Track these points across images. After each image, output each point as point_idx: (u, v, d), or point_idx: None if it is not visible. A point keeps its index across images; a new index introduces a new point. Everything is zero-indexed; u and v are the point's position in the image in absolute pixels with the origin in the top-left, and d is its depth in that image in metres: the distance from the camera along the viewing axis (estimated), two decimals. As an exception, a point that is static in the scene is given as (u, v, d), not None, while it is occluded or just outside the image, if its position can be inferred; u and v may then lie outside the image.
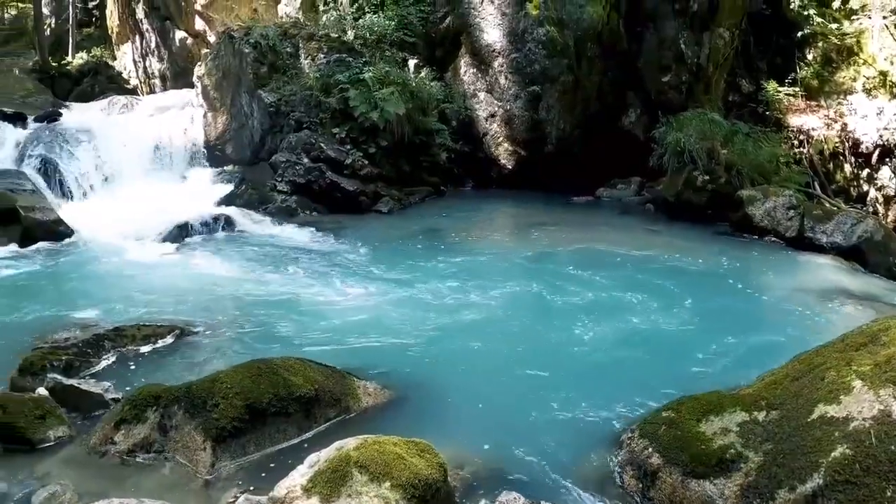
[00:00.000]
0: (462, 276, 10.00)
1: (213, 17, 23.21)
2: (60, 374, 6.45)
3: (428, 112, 15.63)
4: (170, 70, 26.16)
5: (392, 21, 16.81)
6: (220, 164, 16.36)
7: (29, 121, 17.36)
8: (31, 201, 13.01)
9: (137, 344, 7.47)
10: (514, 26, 15.74)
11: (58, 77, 27.04)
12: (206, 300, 9.17)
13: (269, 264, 10.82)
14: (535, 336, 7.91)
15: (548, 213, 14.13)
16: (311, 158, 14.64)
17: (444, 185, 15.96)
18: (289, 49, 16.54)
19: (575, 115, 15.93)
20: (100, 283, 10.17)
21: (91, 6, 33.24)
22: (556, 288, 9.42)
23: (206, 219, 13.09)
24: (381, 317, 8.46)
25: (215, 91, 17.09)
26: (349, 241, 12.08)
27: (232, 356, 7.15)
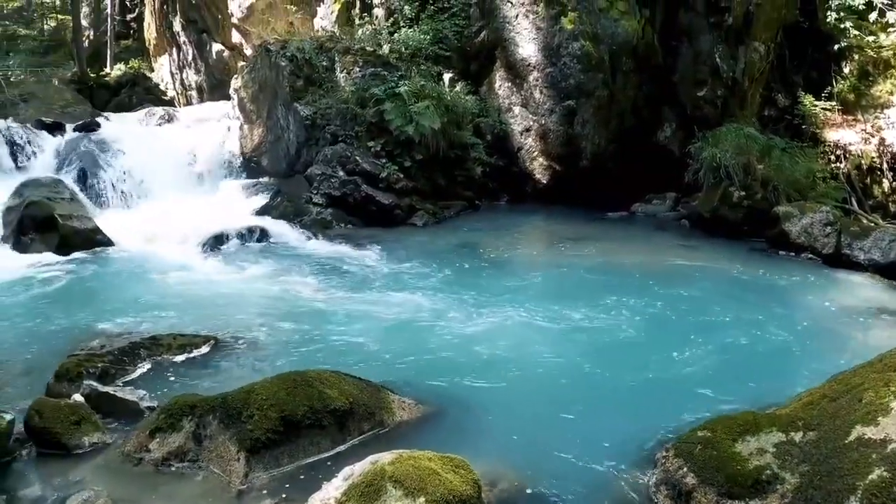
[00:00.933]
0: (496, 291, 9.98)
1: (249, 30, 23.37)
2: (96, 381, 6.50)
3: (463, 126, 15.65)
4: (206, 82, 26.37)
5: (427, 35, 16.87)
6: (256, 176, 16.48)
7: (68, 130, 17.54)
8: (68, 209, 13.14)
9: (173, 353, 7.49)
10: (549, 41, 15.70)
11: (96, 88, 27.30)
12: (241, 310, 9.20)
13: (304, 276, 10.85)
14: (569, 352, 7.84)
15: (582, 228, 14.05)
16: (346, 171, 14.69)
17: (479, 200, 15.94)
18: (325, 62, 16.62)
19: (610, 130, 15.86)
20: (136, 291, 10.23)
21: (129, 19, 33.56)
22: (590, 304, 9.35)
23: (242, 230, 13.19)
24: (415, 330, 8.46)
25: (252, 103, 17.20)
26: (384, 254, 12.09)
27: (266, 367, 7.17)
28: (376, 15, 18.59)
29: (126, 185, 15.67)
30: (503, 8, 16.32)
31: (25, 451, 5.61)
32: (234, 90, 17.90)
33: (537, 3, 15.81)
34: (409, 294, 9.82)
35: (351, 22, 19.20)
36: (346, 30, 18.89)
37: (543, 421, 6.27)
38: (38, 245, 12.50)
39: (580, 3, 15.44)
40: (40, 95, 22.24)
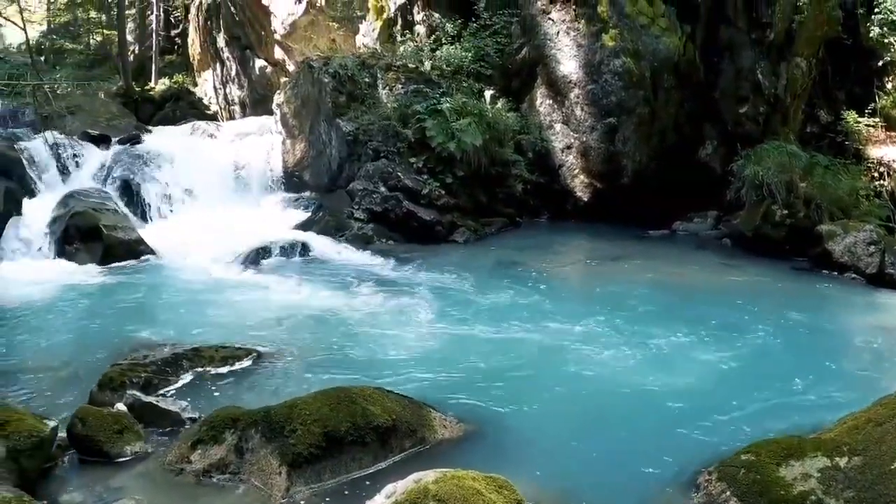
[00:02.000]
0: (537, 309, 9.94)
1: (292, 46, 23.54)
2: (139, 390, 6.56)
3: (504, 143, 15.65)
4: (249, 97, 26.59)
5: (469, 52, 16.91)
6: (298, 191, 16.57)
7: (113, 143, 17.79)
8: (113, 220, 13.31)
9: (215, 365, 7.56)
10: (591, 58, 15.69)
11: (141, 101, 27.62)
12: (282, 324, 9.27)
13: (346, 291, 10.89)
14: (610, 372, 7.80)
15: (623, 246, 13.99)
16: (388, 187, 14.72)
17: (520, 217, 15.92)
18: (367, 79, 16.70)
19: (651, 148, 15.81)
20: (178, 302, 10.33)
21: (173, 34, 33.97)
22: (632, 323, 9.33)
23: (283, 243, 13.26)
24: (456, 347, 8.45)
25: (294, 119, 17.31)
26: (425, 270, 12.07)
27: (307, 382, 7.19)
28: (418, 32, 18.67)
29: (170, 197, 15.85)
30: (544, 25, 16.34)
31: (67, 458, 5.67)
32: (277, 105, 18.03)
33: (578, 20, 15.83)
34: (450, 311, 9.82)
35: (393, 39, 19.30)
36: (388, 47, 18.98)
37: (585, 441, 6.25)
38: (82, 255, 12.70)
39: (621, 19, 15.45)
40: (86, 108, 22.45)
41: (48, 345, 8.69)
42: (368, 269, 12.28)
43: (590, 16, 15.73)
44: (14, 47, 35.61)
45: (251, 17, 25.45)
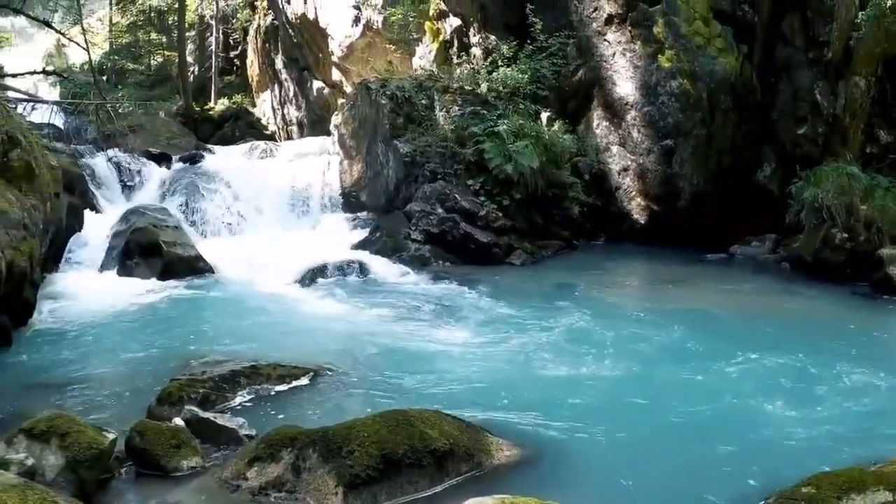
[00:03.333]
0: (595, 332, 9.84)
1: (349, 68, 23.74)
2: (197, 406, 6.58)
3: (561, 165, 15.63)
4: (307, 118, 26.84)
5: (525, 74, 16.89)
6: (355, 211, 16.70)
7: (173, 161, 18.11)
8: (173, 237, 13.43)
9: (272, 383, 7.56)
10: (647, 79, 15.63)
11: (200, 121, 28.06)
12: (339, 344, 9.28)
13: (402, 312, 10.86)
14: (669, 397, 7.68)
15: (680, 270, 13.87)
16: (445, 209, 14.75)
17: (576, 239, 15.87)
18: (424, 101, 16.79)
19: (708, 170, 15.66)
20: (235, 319, 10.37)
21: (232, 55, 34.39)
22: (690, 349, 9.23)
23: (340, 263, 13.28)
24: (513, 370, 8.38)
25: (351, 139, 17.45)
26: (482, 292, 11.99)
27: (364, 402, 7.18)
28: (474, 54, 18.73)
29: (228, 215, 16.05)
30: (600, 47, 16.32)
31: (125, 470, 5.70)
32: (335, 126, 18.18)
33: (634, 41, 15.78)
34: (507, 334, 9.74)
35: (449, 61, 19.40)
36: (444, 69, 19.07)
37: (642, 469, 6.16)
38: (142, 270, 12.83)
39: (677, 40, 15.36)
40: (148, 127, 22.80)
41: (108, 358, 8.80)
42: (425, 291, 12.27)
43: (646, 37, 15.67)
44: (77, 67, 36.23)
45: (309, 39, 25.72)
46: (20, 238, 9.05)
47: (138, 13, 37.25)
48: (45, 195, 10.49)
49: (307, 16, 24.88)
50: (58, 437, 5.41)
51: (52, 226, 11.17)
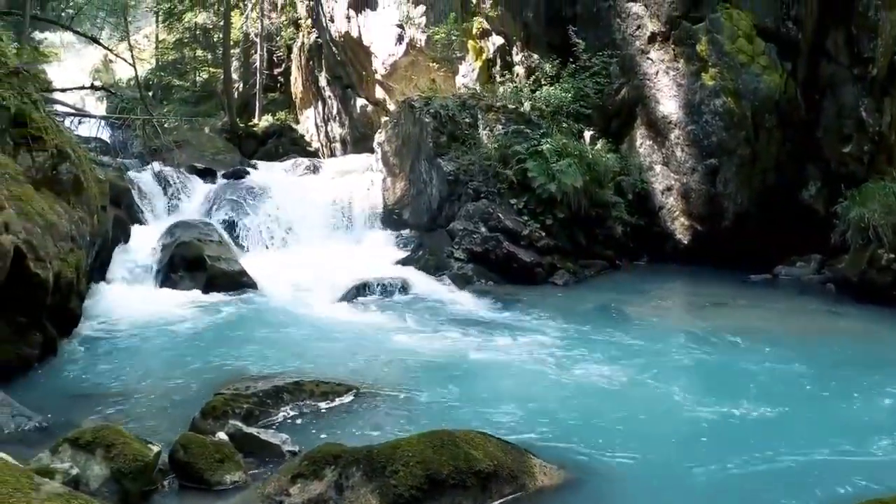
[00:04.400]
0: (639, 354, 9.73)
1: (392, 86, 23.83)
2: (241, 421, 6.57)
3: (604, 184, 15.57)
4: (350, 135, 26.99)
5: (568, 93, 16.81)
6: (398, 228, 16.77)
7: (218, 176, 18.29)
8: (217, 251, 13.54)
9: (315, 399, 7.53)
10: (690, 97, 15.53)
11: (245, 137, 28.35)
12: (382, 362, 9.22)
13: (445, 330, 10.80)
14: (716, 422, 7.52)
15: (724, 291, 13.68)
16: (488, 228, 14.70)
17: (619, 259, 15.78)
18: (467, 119, 16.82)
19: (752, 189, 15.48)
20: (278, 335, 10.40)
21: (276, 73, 34.70)
22: (735, 371, 9.09)
23: (384, 281, 13.25)
24: (557, 392, 8.30)
25: (395, 157, 17.52)
26: (525, 312, 11.92)
27: (406, 421, 7.14)
28: (517, 73, 18.73)
29: (272, 231, 16.16)
30: (643, 65, 16.27)
31: (168, 483, 5.70)
32: (378, 144, 18.27)
33: (677, 59, 15.70)
34: (549, 355, 9.63)
35: (492, 79, 19.41)
36: (487, 87, 19.09)
37: (690, 493, 6.09)
38: (186, 283, 12.97)
39: (721, 58, 15.23)
40: (193, 142, 23.10)
41: (151, 369, 8.87)
42: (468, 310, 12.23)
43: (689, 55, 15.58)
44: (123, 82, 36.69)
45: (352, 57, 25.87)
46: (67, 250, 9.14)
47: (184, 30, 37.78)
48: (93, 208, 10.60)
49: (351, 34, 25.04)
50: (103, 448, 5.45)
51: (98, 238, 11.28)
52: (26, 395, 7.40)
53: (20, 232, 7.79)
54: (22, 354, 8.14)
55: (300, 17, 30.74)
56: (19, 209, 8.14)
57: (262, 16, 33.43)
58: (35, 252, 8.06)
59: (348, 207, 17.46)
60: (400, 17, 22.54)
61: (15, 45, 11.96)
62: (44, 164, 9.47)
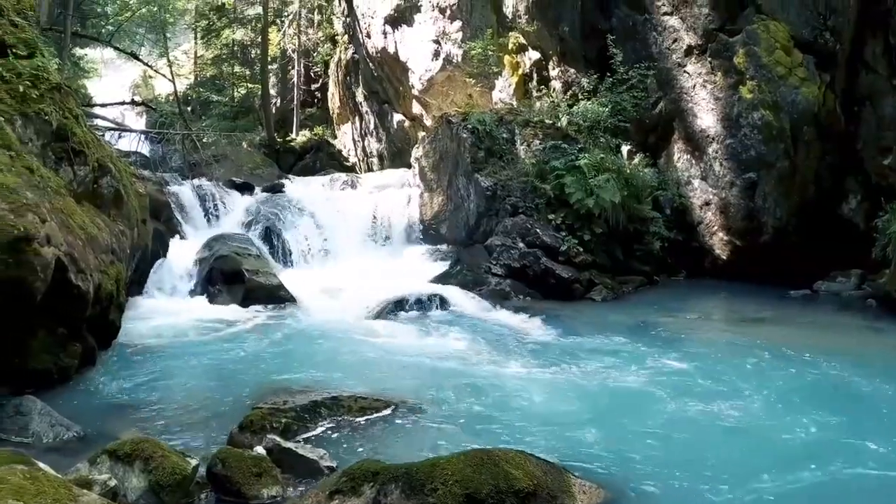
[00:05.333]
0: (679, 371, 9.61)
1: (429, 101, 23.86)
2: (279, 435, 6.57)
3: (642, 199, 15.51)
4: (387, 150, 27.05)
5: (605, 107, 16.78)
6: (435, 243, 16.78)
7: (256, 191, 18.41)
8: (255, 265, 13.66)
9: (353, 415, 7.52)
10: (728, 111, 15.41)
11: (282, 152, 28.59)
12: (420, 377, 9.20)
13: (483, 346, 10.72)
14: (757, 442, 7.38)
15: (764, 307, 13.53)
16: (526, 243, 14.69)
17: (657, 275, 15.68)
18: (505, 135, 16.85)
19: (791, 203, 15.30)
20: (316, 349, 10.45)
21: (314, 88, 34.88)
22: (776, 389, 8.90)
23: (421, 296, 13.20)
24: (593, 408, 8.22)
25: (432, 172, 17.55)
26: (563, 328, 11.84)
27: (444, 438, 7.10)
28: (553, 87, 18.72)
29: (309, 245, 16.24)
30: (680, 79, 16.20)
31: (205, 496, 5.73)
32: (416, 159, 18.32)
33: (715, 72, 15.61)
34: (588, 372, 9.56)
35: (529, 94, 19.40)
36: (524, 102, 19.09)
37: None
38: (224, 296, 13.10)
39: (758, 70, 15.11)
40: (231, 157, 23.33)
41: (189, 382, 8.95)
42: (507, 326, 12.13)
43: (726, 68, 15.48)
44: (163, 97, 37.08)
45: (389, 72, 25.94)
46: (108, 262, 9.22)
47: (222, 47, 38.12)
48: (133, 221, 10.70)
49: (387, 50, 25.11)
50: (142, 461, 5.49)
51: (138, 251, 11.40)
52: (65, 405, 7.50)
53: (62, 244, 7.85)
54: (62, 364, 8.21)
55: (337, 34, 30.88)
56: (61, 222, 8.20)
57: (299, 32, 33.66)
58: (76, 264, 8.12)
59: (386, 222, 17.52)
60: (436, 33, 22.56)
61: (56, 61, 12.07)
62: (85, 178, 9.56)
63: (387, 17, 24.68)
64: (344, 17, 29.23)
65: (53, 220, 7.93)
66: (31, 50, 9.55)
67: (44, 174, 8.59)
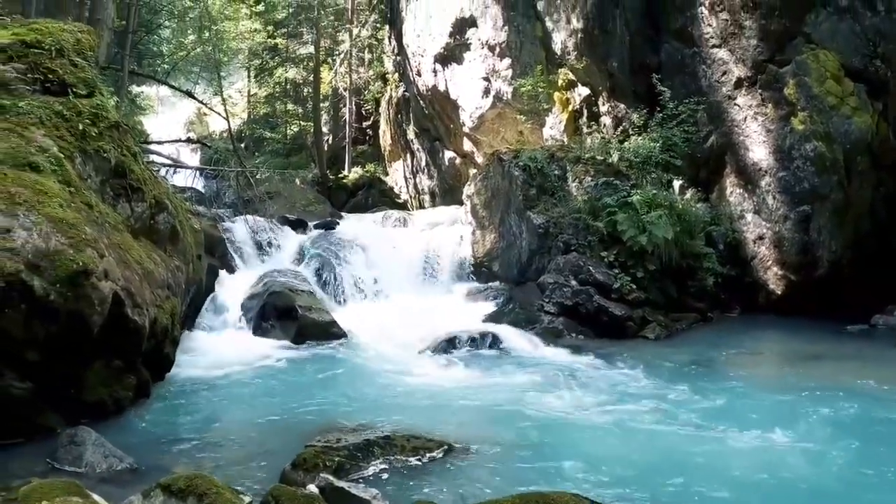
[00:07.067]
0: (734, 412, 9.42)
1: (480, 139, 23.94)
2: (331, 474, 6.53)
3: (695, 235, 15.34)
4: (438, 187, 27.13)
5: (657, 143, 16.69)
6: (487, 281, 16.69)
7: (309, 227, 18.62)
8: (308, 302, 13.71)
9: (406, 455, 7.44)
10: (780, 143, 15.16)
11: (335, 189, 28.91)
12: (473, 417, 9.15)
13: (537, 386, 10.60)
14: (822, 485, 7.23)
15: (821, 344, 13.23)
16: (578, 281, 14.56)
17: (711, 311, 15.42)
18: (556, 172, 16.82)
19: (845, 236, 14.95)
20: (367, 387, 10.43)
21: (365, 126, 35.18)
22: (836, 429, 8.73)
23: (474, 334, 13.13)
24: (649, 450, 8.12)
25: (484, 210, 17.56)
26: (618, 368, 11.69)
27: (498, 479, 7.03)
28: (604, 123, 18.71)
29: (362, 281, 16.29)
30: (731, 111, 16.05)
31: (257, 533, 5.72)
32: (467, 196, 18.35)
33: (765, 104, 15.42)
34: (641, 412, 9.39)
35: (579, 131, 19.39)
36: (574, 139, 19.10)
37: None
38: (277, 332, 13.19)
39: (809, 101, 14.84)
40: (284, 194, 23.60)
41: (242, 417, 9.03)
42: (560, 365, 11.93)
43: (776, 99, 15.27)
44: (217, 134, 37.67)
45: (440, 110, 26.08)
46: (164, 297, 9.36)
47: (275, 85, 38.64)
48: (188, 257, 10.86)
49: (438, 88, 25.26)
50: (195, 497, 5.49)
51: (193, 285, 11.55)
52: (119, 437, 7.57)
53: (119, 279, 7.99)
54: (116, 396, 8.36)
55: (387, 72, 31.14)
56: (119, 257, 8.35)
57: (351, 70, 33.98)
58: (133, 299, 8.25)
59: (437, 259, 17.52)
60: (486, 71, 22.68)
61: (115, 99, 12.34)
62: (143, 214, 9.74)
63: (437, 56, 24.86)
64: (394, 56, 29.49)
65: (111, 255, 8.09)
66: (91, 89, 9.79)
67: (102, 210, 8.78)
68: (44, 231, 7.36)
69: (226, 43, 37.20)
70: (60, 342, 7.37)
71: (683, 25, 16.79)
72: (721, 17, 15.95)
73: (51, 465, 6.82)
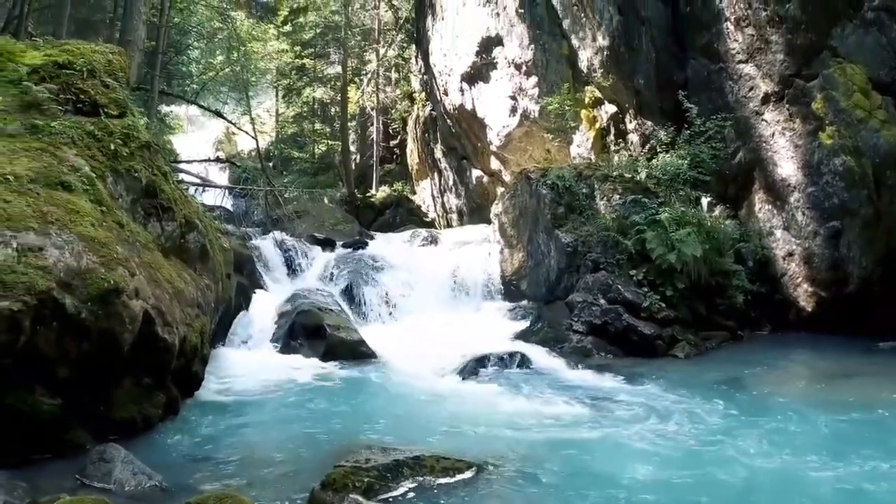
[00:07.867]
0: (771, 433, 9.24)
1: (507, 157, 23.95)
2: (361, 495, 6.54)
3: (724, 252, 15.23)
4: (466, 205, 27.17)
5: (685, 160, 16.62)
6: (515, 300, 16.69)
7: (337, 246, 18.71)
8: (336, 321, 13.78)
9: (436, 475, 7.38)
10: (809, 158, 15.01)
11: (363, 207, 29.05)
12: (501, 437, 9.04)
13: (565, 406, 10.50)
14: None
15: (853, 361, 13.09)
16: (607, 300, 14.49)
17: (741, 329, 15.25)
18: (584, 190, 16.82)
19: (875, 251, 14.67)
20: (396, 407, 10.42)
21: (392, 145, 35.38)
22: (872, 449, 8.48)
23: (502, 354, 13.06)
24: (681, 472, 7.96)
25: (512, 228, 17.59)
26: (649, 387, 11.54)
27: (527, 501, 7.02)
28: (631, 141, 18.68)
29: (390, 301, 16.33)
30: (758, 127, 15.94)
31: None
32: (495, 215, 18.37)
33: (793, 119, 15.29)
34: (673, 432, 9.29)
35: (606, 148, 19.37)
36: (602, 156, 19.08)
37: None
38: (305, 350, 13.23)
39: (837, 115, 14.67)
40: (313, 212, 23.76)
41: (270, 435, 9.03)
42: (589, 385, 11.87)
43: (804, 114, 15.13)
44: (245, 153, 37.93)
45: (467, 129, 26.13)
46: (193, 316, 9.41)
47: (303, 105, 38.97)
48: (218, 275, 10.92)
49: (465, 107, 25.32)
50: (225, 516, 5.53)
51: (222, 304, 11.60)
52: (148, 454, 7.59)
53: (149, 298, 8.04)
54: (145, 414, 8.40)
55: (414, 91, 31.30)
56: (149, 276, 8.41)
57: (378, 90, 34.18)
58: (163, 317, 8.31)
59: (466, 279, 17.53)
60: (512, 89, 22.72)
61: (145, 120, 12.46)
62: (173, 234, 9.81)
63: (463, 75, 24.94)
64: (421, 75, 29.63)
65: (142, 274, 8.14)
66: (122, 110, 9.88)
67: (133, 229, 8.85)
68: (76, 250, 7.42)
69: (254, 63, 37.45)
70: (91, 359, 7.42)
71: (709, 41, 16.75)
72: (747, 32, 15.89)
73: (80, 482, 6.83)
